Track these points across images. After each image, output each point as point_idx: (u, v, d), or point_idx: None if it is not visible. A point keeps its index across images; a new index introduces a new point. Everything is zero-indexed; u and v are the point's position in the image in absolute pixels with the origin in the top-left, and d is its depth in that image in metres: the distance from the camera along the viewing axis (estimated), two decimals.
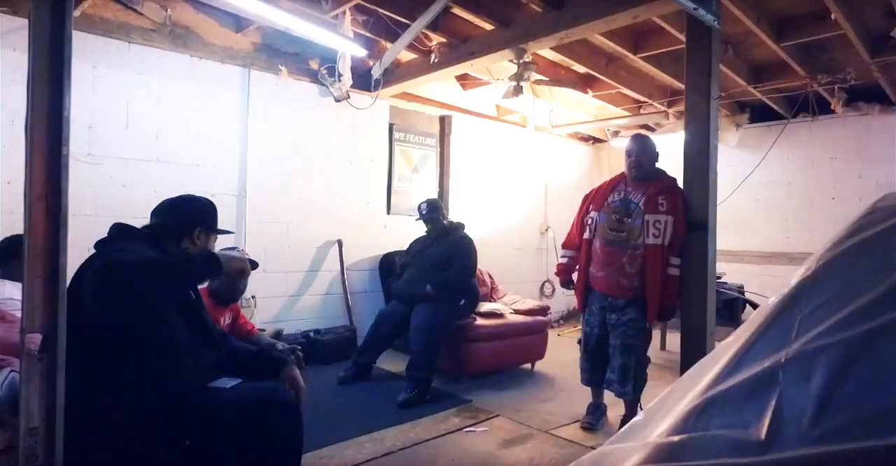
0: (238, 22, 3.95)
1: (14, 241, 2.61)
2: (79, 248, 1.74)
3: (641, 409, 2.85)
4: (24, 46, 3.21)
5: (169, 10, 3.62)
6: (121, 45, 3.49)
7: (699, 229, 2.66)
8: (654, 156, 2.86)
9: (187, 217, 1.69)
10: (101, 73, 3.42)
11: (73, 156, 3.29)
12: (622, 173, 2.94)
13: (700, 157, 2.69)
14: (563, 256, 3.12)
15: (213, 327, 1.72)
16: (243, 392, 1.60)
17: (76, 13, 3.28)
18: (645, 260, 2.69)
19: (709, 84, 2.66)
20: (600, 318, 2.84)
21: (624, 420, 2.80)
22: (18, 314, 2.29)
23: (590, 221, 2.89)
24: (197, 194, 1.88)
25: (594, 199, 2.95)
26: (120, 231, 1.61)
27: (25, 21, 3.16)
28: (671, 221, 2.67)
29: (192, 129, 3.79)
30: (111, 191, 3.45)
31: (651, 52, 4.07)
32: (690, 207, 2.69)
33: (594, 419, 2.92)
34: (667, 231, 2.67)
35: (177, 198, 1.73)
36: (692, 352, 2.67)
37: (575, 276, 3.03)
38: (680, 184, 2.81)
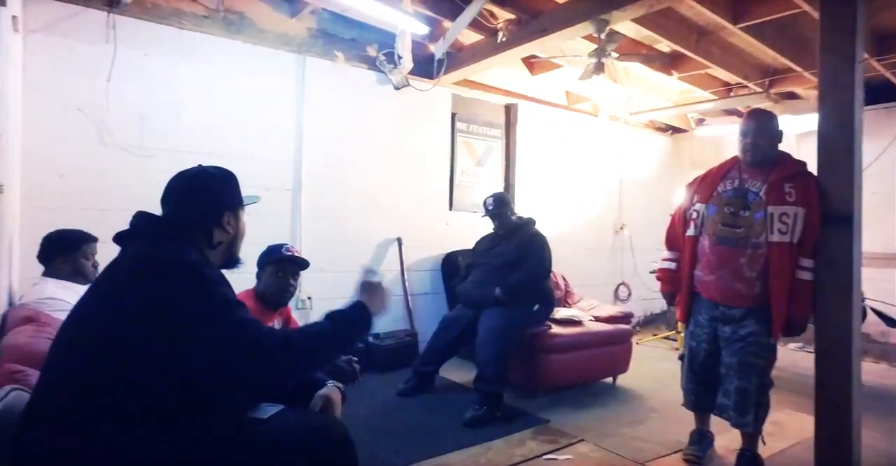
0: (292, 6, 3.72)
1: (57, 238, 2.43)
2: None
3: (764, 443, 2.38)
4: (75, 34, 3.07)
5: None
6: (172, 31, 3.31)
7: (841, 223, 2.14)
8: (776, 136, 2.36)
9: (213, 200, 1.35)
10: (151, 61, 3.24)
11: (123, 148, 3.16)
12: (734, 157, 2.44)
13: (841, 134, 2.16)
14: (667, 259, 2.58)
15: None
16: (285, 423, 1.27)
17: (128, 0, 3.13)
18: (769, 261, 2.20)
19: (853, 42, 2.13)
20: (710, 331, 2.36)
21: (742, 457, 2.30)
22: (56, 315, 2.09)
23: (694, 215, 2.41)
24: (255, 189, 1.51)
25: (699, 189, 2.46)
26: (152, 226, 1.29)
27: (77, 7, 3.04)
28: (802, 214, 2.16)
29: (245, 120, 3.57)
30: (162, 186, 3.26)
31: (753, 22, 3.50)
32: (828, 196, 2.18)
33: (700, 450, 2.44)
34: (796, 226, 2.16)
35: (190, 177, 1.36)
36: (831, 376, 2.16)
37: None
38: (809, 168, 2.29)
